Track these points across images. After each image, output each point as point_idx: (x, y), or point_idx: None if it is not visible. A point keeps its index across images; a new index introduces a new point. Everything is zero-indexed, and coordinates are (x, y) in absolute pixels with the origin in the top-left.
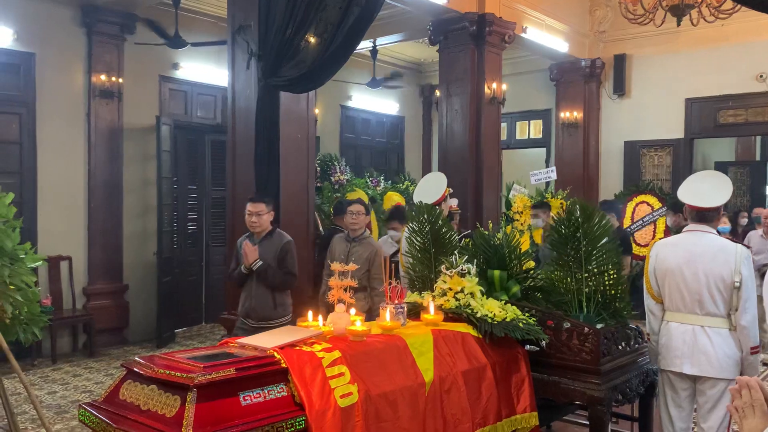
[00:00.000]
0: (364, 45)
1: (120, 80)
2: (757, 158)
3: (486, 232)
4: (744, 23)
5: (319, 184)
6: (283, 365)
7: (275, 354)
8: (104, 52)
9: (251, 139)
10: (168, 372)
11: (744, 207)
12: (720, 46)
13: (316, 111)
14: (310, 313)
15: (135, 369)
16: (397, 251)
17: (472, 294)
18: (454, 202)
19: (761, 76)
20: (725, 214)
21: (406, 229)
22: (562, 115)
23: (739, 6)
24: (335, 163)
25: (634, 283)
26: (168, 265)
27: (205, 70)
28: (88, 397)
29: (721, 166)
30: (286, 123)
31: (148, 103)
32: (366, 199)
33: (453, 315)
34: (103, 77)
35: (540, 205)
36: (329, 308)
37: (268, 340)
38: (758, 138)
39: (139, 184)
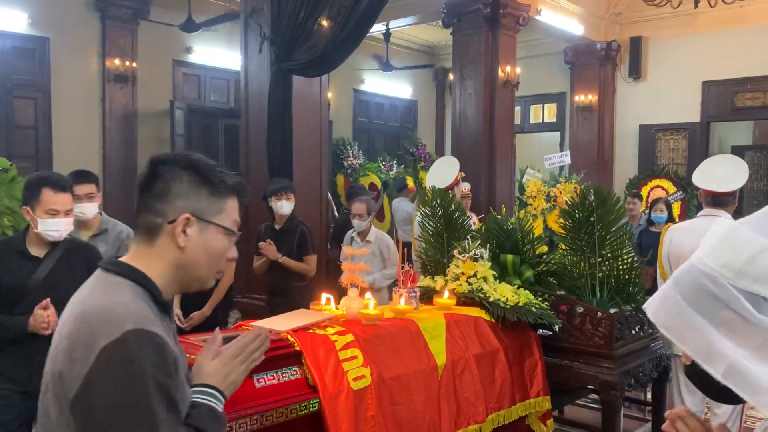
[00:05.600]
0: (377, 28)
1: (134, 64)
2: None
3: (499, 217)
4: (763, 4)
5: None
6: (297, 348)
7: (289, 337)
8: (118, 36)
9: (264, 123)
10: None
11: (761, 192)
12: (738, 27)
13: (329, 95)
14: (323, 297)
15: None
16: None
17: (484, 278)
18: (466, 186)
19: None
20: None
21: (418, 213)
22: (576, 98)
23: None
24: (348, 147)
25: None
26: None
27: (218, 54)
28: None
29: (738, 150)
30: (299, 107)
31: (161, 88)
32: (379, 184)
33: (465, 299)
34: (117, 61)
35: None
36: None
37: (282, 324)
38: None
39: None
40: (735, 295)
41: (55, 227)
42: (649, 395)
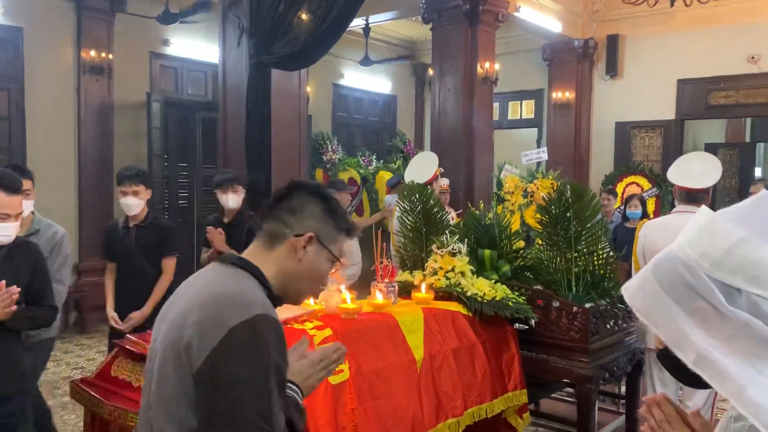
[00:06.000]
0: (357, 23)
1: (110, 56)
2: (747, 140)
3: (477, 212)
4: (737, 4)
5: None
6: None
7: None
8: (94, 27)
9: (242, 116)
10: None
11: (732, 189)
12: (713, 27)
13: (308, 89)
14: None
15: (126, 346)
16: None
17: (462, 273)
18: (445, 182)
19: (753, 58)
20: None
21: (397, 208)
22: (554, 95)
23: None
24: (327, 142)
25: None
26: None
27: (195, 46)
28: (79, 373)
29: (711, 148)
30: (278, 101)
31: (138, 80)
32: (358, 179)
33: (443, 294)
34: (92, 53)
35: None
36: None
37: None
38: (748, 120)
39: (129, 162)
40: (710, 286)
41: (4, 232)
42: (623, 389)
